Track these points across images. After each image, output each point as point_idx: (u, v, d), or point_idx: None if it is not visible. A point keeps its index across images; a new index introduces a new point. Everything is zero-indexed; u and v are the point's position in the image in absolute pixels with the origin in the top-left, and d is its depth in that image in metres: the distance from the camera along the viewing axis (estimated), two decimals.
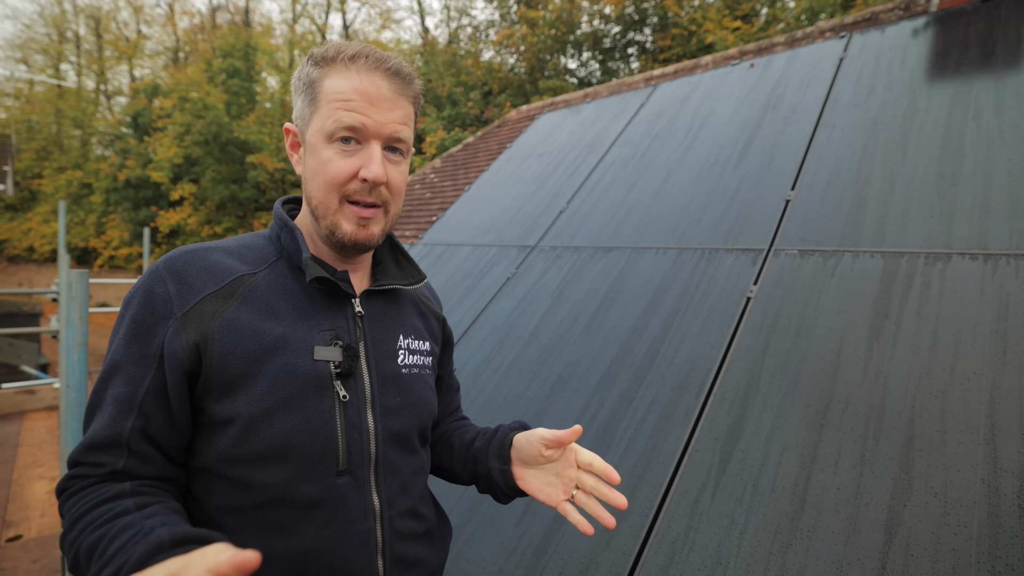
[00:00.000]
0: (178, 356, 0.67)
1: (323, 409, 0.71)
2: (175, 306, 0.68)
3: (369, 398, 0.76)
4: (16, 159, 20.28)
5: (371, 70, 0.72)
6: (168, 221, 17.94)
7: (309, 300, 0.76)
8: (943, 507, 1.10)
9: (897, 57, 2.52)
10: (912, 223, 1.74)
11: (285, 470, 0.69)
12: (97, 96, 30.77)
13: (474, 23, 15.53)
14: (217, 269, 0.72)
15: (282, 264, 0.78)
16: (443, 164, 5.41)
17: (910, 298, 1.53)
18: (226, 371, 0.68)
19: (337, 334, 0.75)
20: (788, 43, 3.39)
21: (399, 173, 0.77)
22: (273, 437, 0.68)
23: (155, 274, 0.70)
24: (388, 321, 0.84)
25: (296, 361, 0.71)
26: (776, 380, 1.50)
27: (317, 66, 0.74)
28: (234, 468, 0.69)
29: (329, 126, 0.71)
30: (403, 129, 0.75)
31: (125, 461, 0.66)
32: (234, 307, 0.70)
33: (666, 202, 2.52)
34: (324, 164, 0.73)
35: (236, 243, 0.79)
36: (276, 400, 0.69)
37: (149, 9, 35.16)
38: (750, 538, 1.21)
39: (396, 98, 0.74)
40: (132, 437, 0.66)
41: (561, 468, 0.81)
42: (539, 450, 0.80)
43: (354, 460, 0.73)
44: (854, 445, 1.27)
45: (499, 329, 2.33)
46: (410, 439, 0.82)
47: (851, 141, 2.20)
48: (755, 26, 9.01)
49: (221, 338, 0.68)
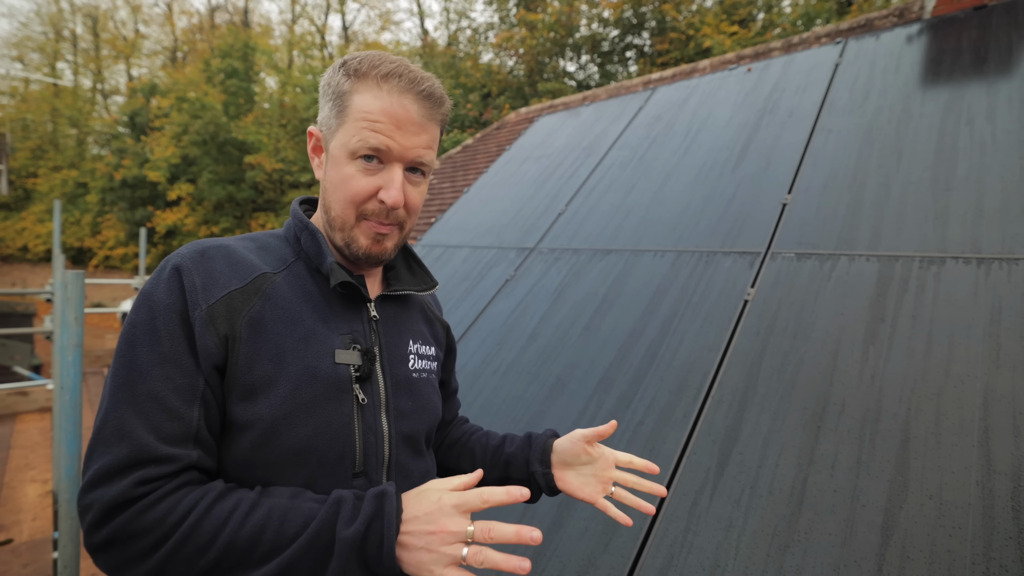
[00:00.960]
0: (209, 350, 0.64)
1: (343, 412, 0.72)
2: (200, 298, 0.66)
3: (384, 401, 0.77)
4: (11, 158, 20.17)
5: (403, 92, 0.71)
6: (165, 221, 17.88)
7: (328, 303, 0.76)
8: (938, 509, 1.12)
9: (892, 63, 2.54)
10: (907, 227, 1.76)
11: (304, 473, 0.69)
12: (94, 95, 30.68)
13: (473, 25, 15.59)
14: (240, 265, 0.71)
15: (300, 266, 0.77)
16: (442, 166, 5.42)
17: (905, 301, 1.54)
18: (250, 372, 0.66)
19: (355, 338, 0.76)
20: (785, 48, 3.41)
21: (418, 193, 0.77)
22: (295, 440, 0.68)
23: (181, 262, 0.68)
24: (400, 326, 0.85)
25: (318, 364, 0.71)
26: (773, 383, 1.51)
27: (349, 78, 0.72)
28: (252, 472, 0.67)
29: (354, 144, 0.71)
30: (427, 153, 0.74)
31: (198, 453, 0.63)
32: (258, 306, 0.69)
33: (664, 205, 2.53)
34: (345, 180, 0.72)
35: (253, 242, 0.78)
36: (299, 403, 0.68)
37: (147, 8, 35.09)
38: (748, 540, 1.22)
39: (424, 122, 0.73)
40: (200, 427, 0.64)
41: (599, 469, 0.88)
42: (582, 448, 0.87)
43: (370, 462, 0.74)
44: (850, 447, 1.28)
45: (498, 331, 2.34)
46: (419, 442, 0.83)
47: (847, 145, 2.22)
48: (752, 31, 9.07)
49: (248, 337, 0.67)
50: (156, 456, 0.60)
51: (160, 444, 0.60)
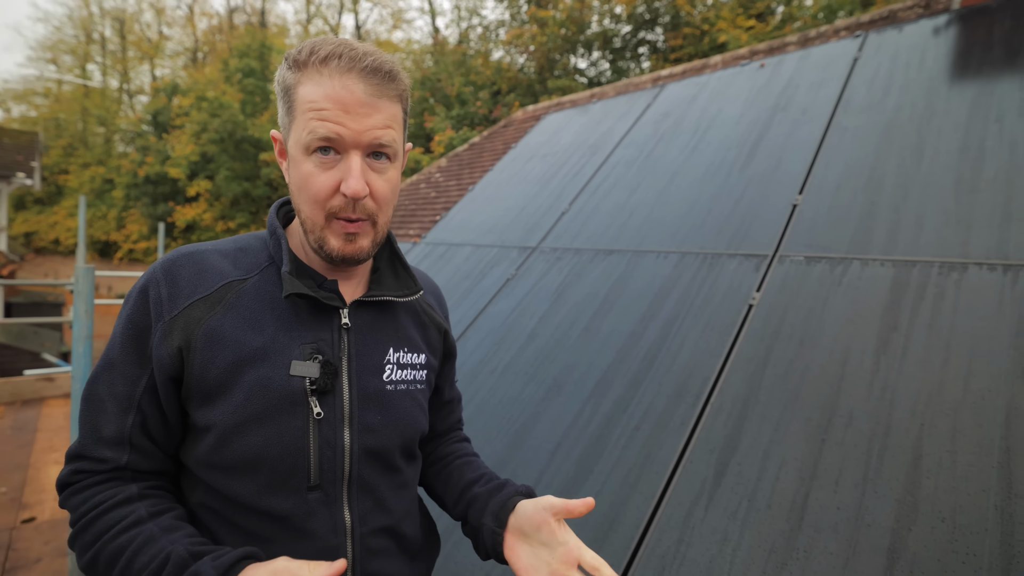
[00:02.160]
0: (163, 361, 0.67)
1: (295, 425, 0.70)
2: (164, 310, 0.68)
3: (347, 415, 0.73)
4: (44, 155, 20.78)
5: (344, 73, 0.66)
6: (184, 216, 18.22)
7: (294, 311, 0.73)
8: (951, 533, 1.03)
9: (915, 57, 2.43)
10: (926, 230, 1.66)
11: (257, 482, 0.69)
12: (120, 95, 31.46)
13: (484, 23, 15.55)
14: (208, 273, 0.71)
15: (272, 271, 0.75)
16: (448, 164, 5.38)
17: (921, 309, 1.45)
18: (205, 380, 0.68)
19: (319, 347, 0.72)
20: (801, 43, 3.30)
21: (385, 181, 0.71)
22: (245, 449, 0.68)
23: (152, 275, 0.71)
24: (377, 334, 0.79)
25: (272, 375, 0.69)
26: (776, 391, 1.43)
27: (291, 70, 0.68)
28: (210, 473, 0.70)
29: (305, 138, 0.67)
30: (385, 133, 0.68)
31: (128, 456, 0.68)
32: (219, 315, 0.69)
33: (669, 205, 2.45)
34: (306, 180, 0.68)
35: (234, 245, 0.77)
36: (249, 413, 0.68)
37: (170, 11, 35.80)
38: (743, 555, 1.14)
39: (374, 101, 0.67)
40: (133, 433, 0.68)
41: (557, 559, 0.72)
42: (545, 520, 0.73)
43: (326, 477, 0.72)
44: (856, 463, 1.20)
45: (497, 331, 2.28)
46: (390, 457, 0.78)
47: (863, 144, 2.12)
48: (770, 25, 8.85)
49: (202, 347, 0.68)
50: (90, 454, 0.68)
51: (95, 444, 0.68)
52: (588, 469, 1.51)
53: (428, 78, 13.54)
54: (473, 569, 1.42)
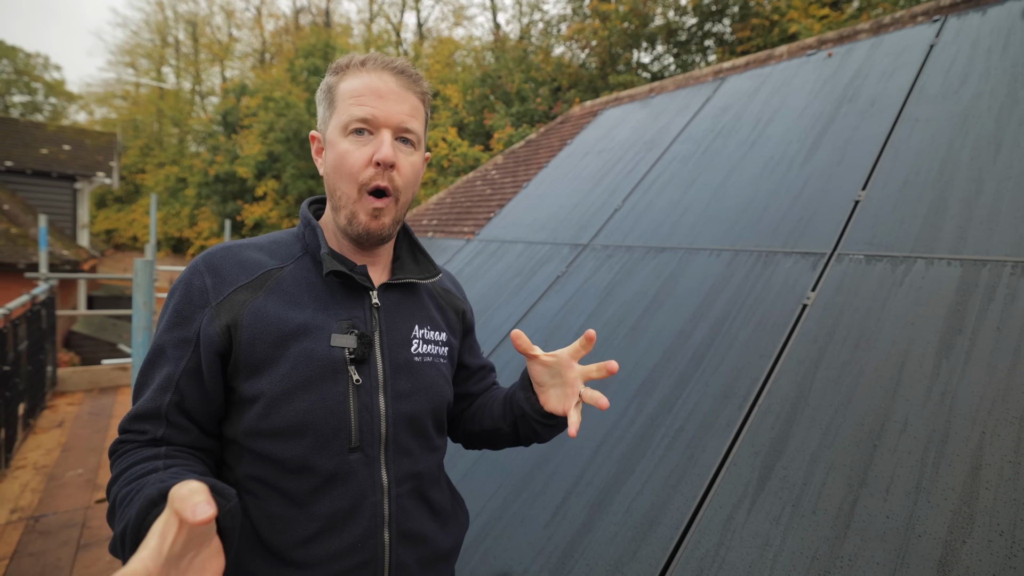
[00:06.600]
0: (212, 339, 0.75)
1: (338, 391, 0.78)
2: (211, 296, 0.77)
3: (381, 382, 0.82)
4: (122, 155, 22.41)
5: (380, 69, 0.81)
6: (252, 215, 19.15)
7: (330, 292, 0.83)
8: (1009, 548, 0.99)
9: (998, 42, 2.26)
10: (1000, 228, 1.57)
11: (303, 445, 0.76)
12: (193, 96, 33.45)
13: (545, 18, 15.41)
14: (249, 264, 0.81)
15: (307, 259, 0.85)
16: (504, 161, 5.44)
17: (990, 311, 1.38)
18: (253, 354, 0.76)
19: (354, 323, 0.82)
20: (873, 30, 3.12)
21: (409, 163, 0.82)
22: (292, 414, 0.75)
23: (194, 269, 0.79)
24: (404, 312, 0.89)
25: (315, 347, 0.78)
26: (828, 394, 1.40)
27: (333, 75, 0.83)
28: (258, 441, 0.76)
29: (344, 120, 0.79)
30: (411, 120, 0.81)
31: (164, 430, 0.75)
32: (262, 297, 0.78)
33: (724, 201, 2.41)
34: (342, 156, 0.79)
35: (267, 240, 0.87)
36: (296, 381, 0.76)
37: (239, 13, 37.65)
38: (784, 561, 1.14)
39: (403, 92, 0.81)
40: (169, 410, 0.75)
41: (564, 372, 0.84)
42: (540, 366, 0.84)
43: (365, 439, 0.79)
44: (910, 470, 1.17)
45: (544, 328, 2.33)
46: (422, 424, 0.86)
47: (935, 136, 2.01)
48: (846, 13, 8.30)
49: (249, 324, 0.76)
50: (132, 428, 0.76)
51: (136, 420, 0.76)
52: (630, 468, 1.54)
53: (488, 75, 13.56)
54: (512, 564, 1.48)
